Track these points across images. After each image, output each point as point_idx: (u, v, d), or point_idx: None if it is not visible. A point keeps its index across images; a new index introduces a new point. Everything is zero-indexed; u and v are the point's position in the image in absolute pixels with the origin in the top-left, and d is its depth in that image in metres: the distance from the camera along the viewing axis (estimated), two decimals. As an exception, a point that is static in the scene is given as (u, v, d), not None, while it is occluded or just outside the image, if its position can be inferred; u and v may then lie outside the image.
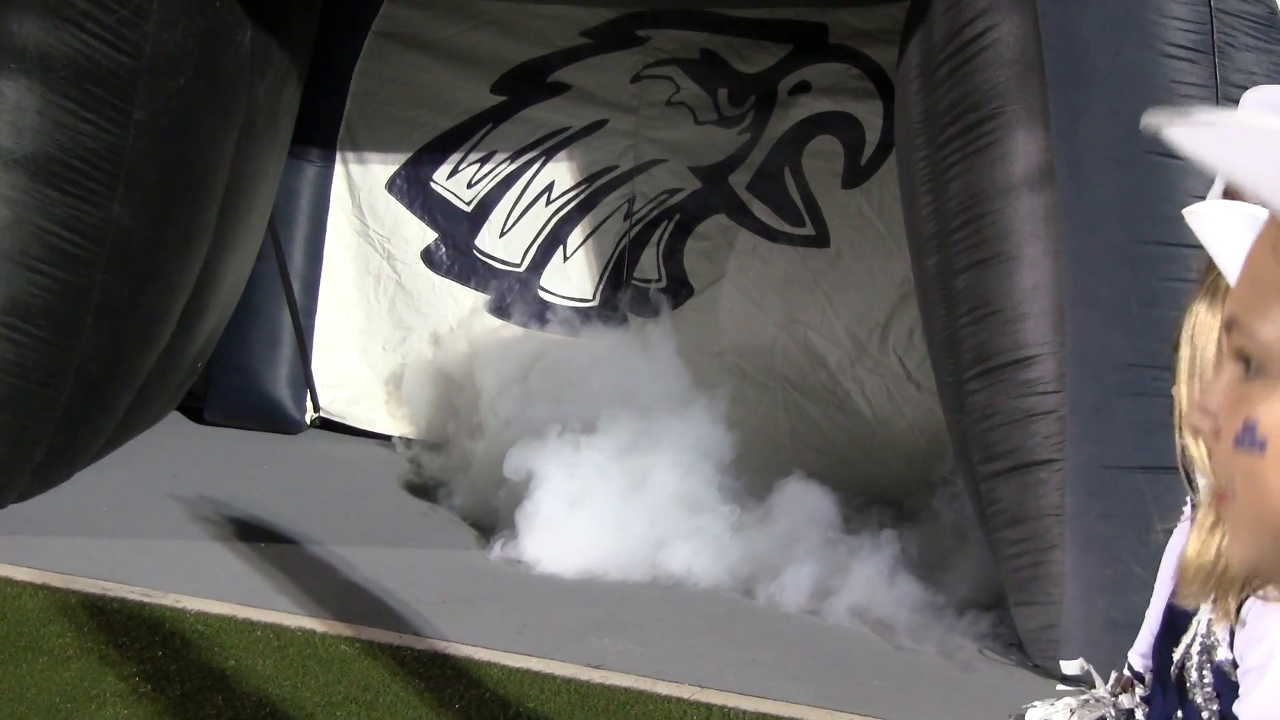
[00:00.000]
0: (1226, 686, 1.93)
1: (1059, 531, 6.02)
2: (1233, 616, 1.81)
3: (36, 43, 6.47)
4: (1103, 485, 5.91)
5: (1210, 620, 1.94)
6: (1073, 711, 2.25)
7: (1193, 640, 2.00)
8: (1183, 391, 1.85)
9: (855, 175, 8.45)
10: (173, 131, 6.97)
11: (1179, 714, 2.04)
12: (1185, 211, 1.70)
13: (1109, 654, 5.79)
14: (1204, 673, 1.96)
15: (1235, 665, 1.89)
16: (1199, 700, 1.97)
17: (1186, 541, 1.81)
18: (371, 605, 6.34)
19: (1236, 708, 1.84)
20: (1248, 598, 1.78)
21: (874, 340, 8.40)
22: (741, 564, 6.88)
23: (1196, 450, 1.76)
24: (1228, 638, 1.90)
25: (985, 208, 6.23)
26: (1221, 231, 1.68)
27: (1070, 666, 2.16)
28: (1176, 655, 2.05)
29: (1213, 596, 1.78)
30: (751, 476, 7.26)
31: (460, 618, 6.24)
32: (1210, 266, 1.85)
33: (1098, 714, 2.17)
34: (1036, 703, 2.33)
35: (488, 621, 6.24)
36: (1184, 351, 1.86)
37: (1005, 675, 6.10)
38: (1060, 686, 2.34)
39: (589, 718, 5.46)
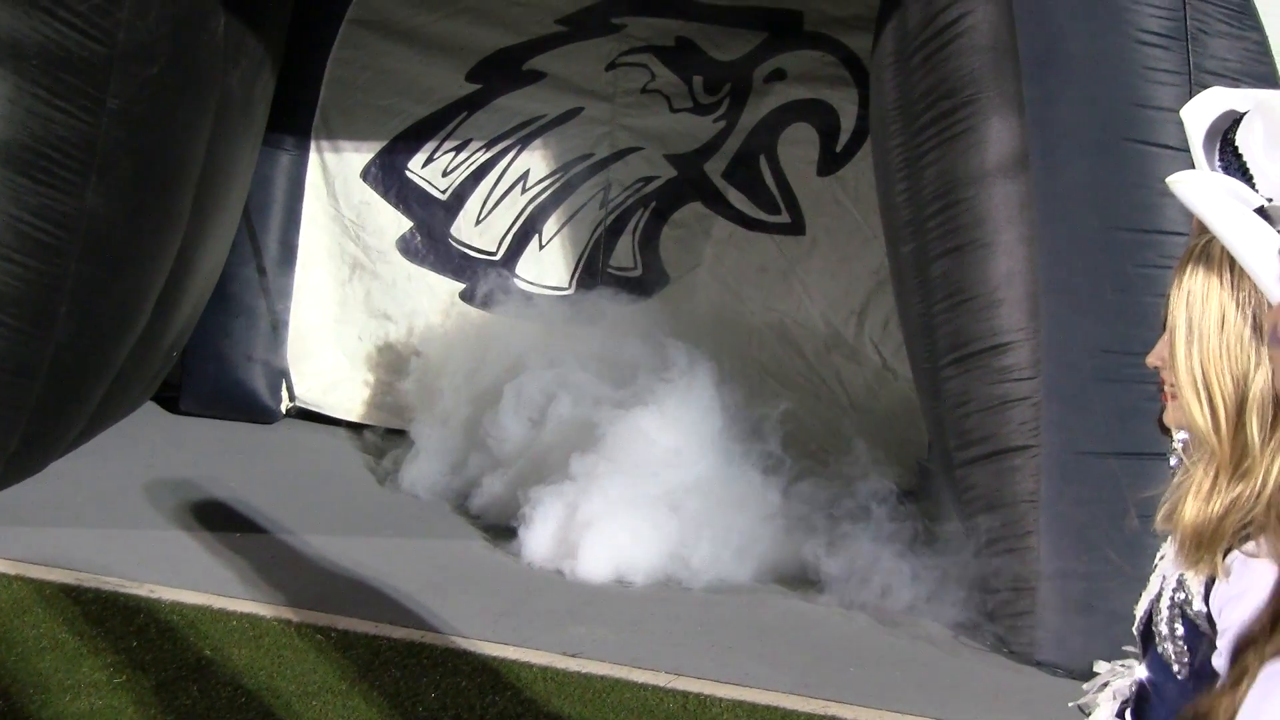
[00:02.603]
0: (1198, 640, 1.96)
1: (1034, 517, 6.03)
2: (1218, 568, 1.87)
3: (8, 30, 6.43)
4: (1078, 471, 5.93)
5: (1181, 576, 1.98)
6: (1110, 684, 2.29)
7: (1159, 595, 2.03)
8: (1180, 357, 1.91)
9: (830, 163, 8.46)
10: (146, 119, 6.94)
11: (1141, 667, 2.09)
12: (1170, 180, 1.74)
13: (1083, 639, 5.83)
14: (1175, 625, 2.00)
15: (1209, 618, 1.92)
16: (1170, 652, 2.00)
17: (1182, 507, 1.90)
18: (348, 594, 6.33)
19: (1216, 661, 1.87)
20: (1230, 550, 1.87)
21: (850, 327, 8.40)
22: (756, 553, 6.89)
23: (1202, 415, 1.87)
24: (1202, 591, 1.93)
25: (960, 194, 6.23)
26: (1209, 198, 1.74)
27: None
28: (1141, 610, 2.09)
29: (1194, 554, 1.89)
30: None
31: (437, 606, 6.23)
32: (1200, 233, 1.89)
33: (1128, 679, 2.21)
34: (1086, 699, 2.33)
35: (464, 610, 6.23)
36: (1180, 320, 1.90)
37: (980, 660, 6.12)
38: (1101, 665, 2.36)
39: (565, 705, 5.46)
